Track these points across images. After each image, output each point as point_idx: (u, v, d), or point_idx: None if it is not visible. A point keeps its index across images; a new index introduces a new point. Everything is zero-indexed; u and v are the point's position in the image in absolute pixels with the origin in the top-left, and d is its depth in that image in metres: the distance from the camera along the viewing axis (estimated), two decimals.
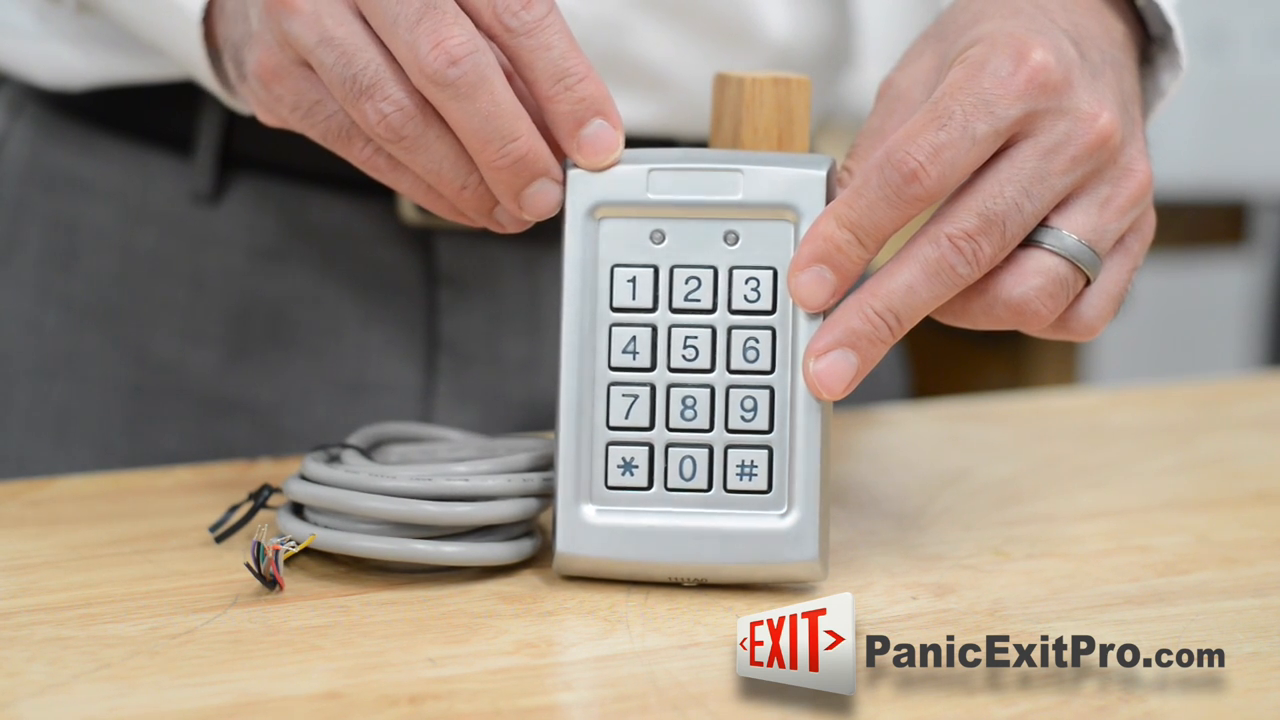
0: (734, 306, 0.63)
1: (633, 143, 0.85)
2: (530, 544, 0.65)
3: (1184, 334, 2.60)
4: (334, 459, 0.68)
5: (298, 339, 0.86)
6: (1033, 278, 0.62)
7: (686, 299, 0.63)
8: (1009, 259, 0.62)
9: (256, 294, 0.85)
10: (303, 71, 0.63)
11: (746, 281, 0.63)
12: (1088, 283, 0.64)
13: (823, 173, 0.62)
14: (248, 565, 0.62)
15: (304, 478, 0.65)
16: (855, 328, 0.61)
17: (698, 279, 0.63)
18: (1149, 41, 0.72)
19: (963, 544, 0.70)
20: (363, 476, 0.64)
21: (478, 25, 0.61)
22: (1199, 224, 2.23)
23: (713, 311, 0.63)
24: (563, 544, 0.63)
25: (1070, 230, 0.63)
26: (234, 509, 0.68)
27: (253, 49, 0.65)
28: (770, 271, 0.63)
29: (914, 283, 0.61)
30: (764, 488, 0.63)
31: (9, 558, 0.66)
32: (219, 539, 0.67)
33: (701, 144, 0.85)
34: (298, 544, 0.63)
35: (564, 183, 0.63)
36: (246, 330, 0.86)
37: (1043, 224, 0.63)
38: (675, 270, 0.63)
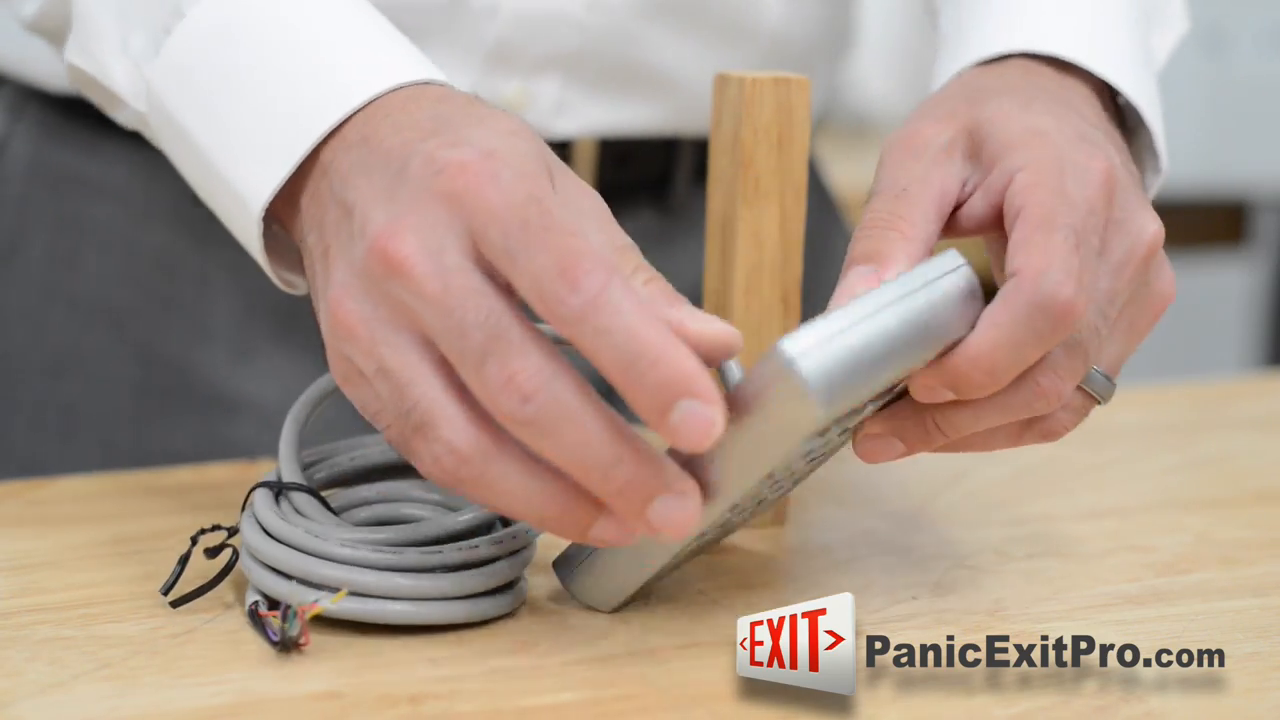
0: None
1: (637, 144, 0.85)
2: (512, 596, 0.61)
3: (1184, 334, 2.59)
4: (280, 495, 0.62)
5: (303, 338, 0.86)
6: (1066, 416, 0.62)
7: None
8: None
9: (261, 292, 0.85)
10: (367, 382, 0.57)
11: None
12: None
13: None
14: (264, 635, 0.58)
15: (266, 532, 0.60)
16: (912, 434, 0.60)
17: None
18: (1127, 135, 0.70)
19: (963, 544, 0.70)
20: (331, 545, 0.59)
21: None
22: (1199, 224, 2.23)
23: None
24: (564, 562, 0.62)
25: (1101, 366, 0.62)
26: (183, 561, 0.62)
27: (326, 346, 0.59)
28: None
29: (983, 415, 0.59)
30: None
31: (9, 558, 0.66)
32: (175, 604, 0.61)
33: (704, 141, 0.85)
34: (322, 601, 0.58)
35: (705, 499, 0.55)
36: (252, 328, 0.86)
37: None
38: None
